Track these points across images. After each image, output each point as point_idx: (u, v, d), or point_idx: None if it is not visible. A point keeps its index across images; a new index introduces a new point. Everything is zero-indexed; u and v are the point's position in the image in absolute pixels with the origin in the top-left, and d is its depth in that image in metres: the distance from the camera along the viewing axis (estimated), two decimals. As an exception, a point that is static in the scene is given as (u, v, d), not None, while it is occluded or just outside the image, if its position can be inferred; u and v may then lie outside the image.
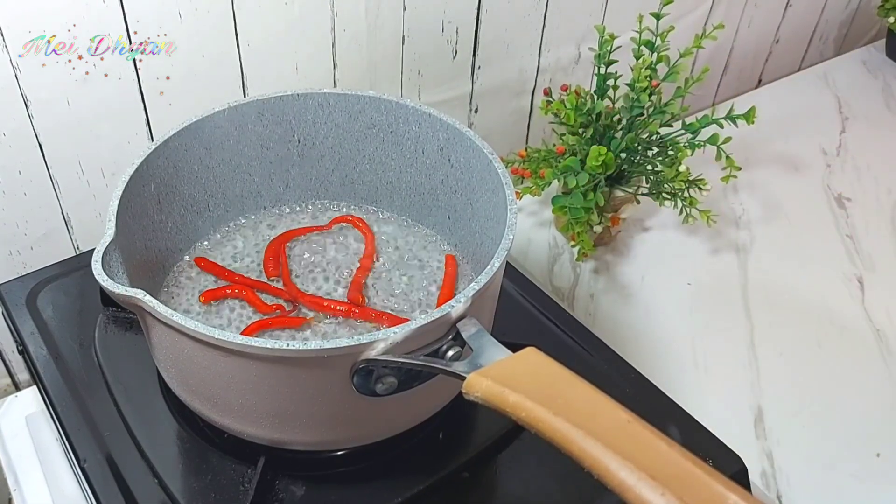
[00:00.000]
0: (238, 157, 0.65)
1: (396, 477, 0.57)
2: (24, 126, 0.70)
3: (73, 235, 0.79)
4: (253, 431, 0.53)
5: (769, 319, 0.83)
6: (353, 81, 0.85)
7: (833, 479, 0.69)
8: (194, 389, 0.54)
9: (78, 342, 0.65)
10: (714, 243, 0.92)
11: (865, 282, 0.88)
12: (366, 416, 0.52)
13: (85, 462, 0.57)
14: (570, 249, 0.91)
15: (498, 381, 0.42)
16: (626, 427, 0.38)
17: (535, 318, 0.70)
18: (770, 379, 0.77)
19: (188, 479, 0.56)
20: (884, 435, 0.72)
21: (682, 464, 0.36)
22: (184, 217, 0.64)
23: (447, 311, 0.47)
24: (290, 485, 0.56)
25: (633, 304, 0.85)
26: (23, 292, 0.69)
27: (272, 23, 0.76)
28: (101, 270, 0.48)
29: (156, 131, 0.76)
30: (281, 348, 0.45)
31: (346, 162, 0.68)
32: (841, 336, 0.82)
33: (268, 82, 0.79)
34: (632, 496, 0.34)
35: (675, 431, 0.61)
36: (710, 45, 0.81)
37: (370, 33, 0.83)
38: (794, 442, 0.72)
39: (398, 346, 0.46)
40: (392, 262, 0.67)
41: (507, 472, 0.59)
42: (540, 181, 0.82)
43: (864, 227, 0.94)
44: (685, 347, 0.80)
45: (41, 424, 0.67)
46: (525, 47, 0.96)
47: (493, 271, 0.49)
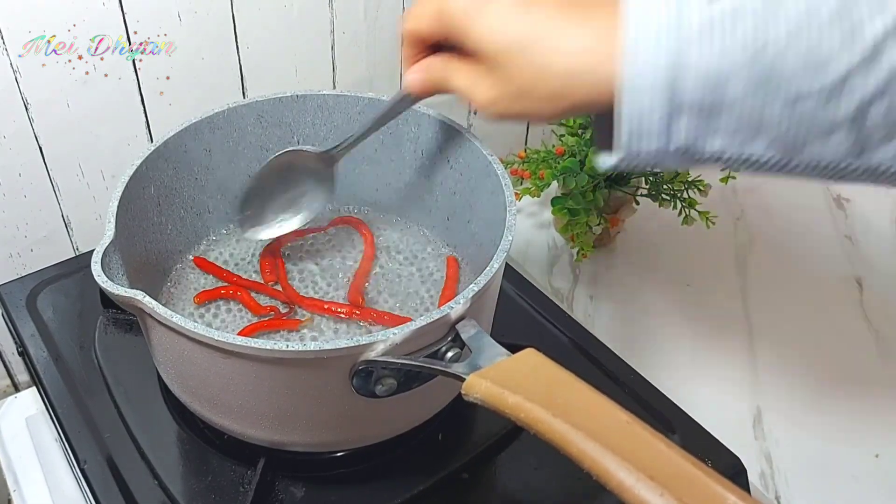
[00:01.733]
0: (237, 159, 0.65)
1: (396, 478, 0.57)
2: (24, 128, 0.70)
3: (73, 237, 0.79)
4: (253, 433, 0.53)
5: (768, 320, 0.83)
6: (352, 83, 0.85)
7: (831, 479, 0.69)
8: (194, 391, 0.54)
9: (78, 343, 0.65)
10: (713, 244, 0.92)
11: (864, 283, 0.88)
12: (365, 417, 0.52)
13: (85, 463, 0.57)
14: (569, 250, 0.91)
15: (497, 382, 0.42)
16: (625, 428, 0.38)
17: (534, 320, 0.70)
18: (769, 380, 0.77)
19: (188, 481, 0.57)
20: (883, 436, 0.72)
21: (681, 464, 0.36)
22: (183, 219, 0.65)
23: (446, 313, 0.47)
24: (289, 486, 0.56)
25: (633, 306, 0.85)
26: (23, 294, 0.69)
27: (272, 24, 0.76)
28: (100, 272, 0.48)
29: (155, 132, 0.77)
30: (280, 349, 0.45)
31: (345, 163, 0.68)
32: (840, 337, 0.82)
33: (267, 83, 0.79)
34: (631, 496, 0.35)
35: (674, 432, 0.61)
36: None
37: (369, 35, 0.83)
38: (793, 443, 0.72)
39: (398, 348, 0.46)
40: (391, 264, 0.67)
41: (507, 473, 0.59)
42: (539, 182, 0.82)
43: (863, 228, 0.94)
44: (684, 348, 0.80)
45: (41, 426, 0.67)
46: (524, 49, 0.96)
47: (493, 272, 0.49)
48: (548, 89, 0.41)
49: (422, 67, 0.49)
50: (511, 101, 0.43)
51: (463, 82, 0.46)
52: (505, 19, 0.42)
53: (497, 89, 0.43)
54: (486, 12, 0.42)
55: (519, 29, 0.41)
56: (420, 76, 0.49)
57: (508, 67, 0.42)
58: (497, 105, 0.43)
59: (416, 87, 0.50)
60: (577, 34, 0.40)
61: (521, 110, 0.43)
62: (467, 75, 0.45)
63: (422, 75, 0.49)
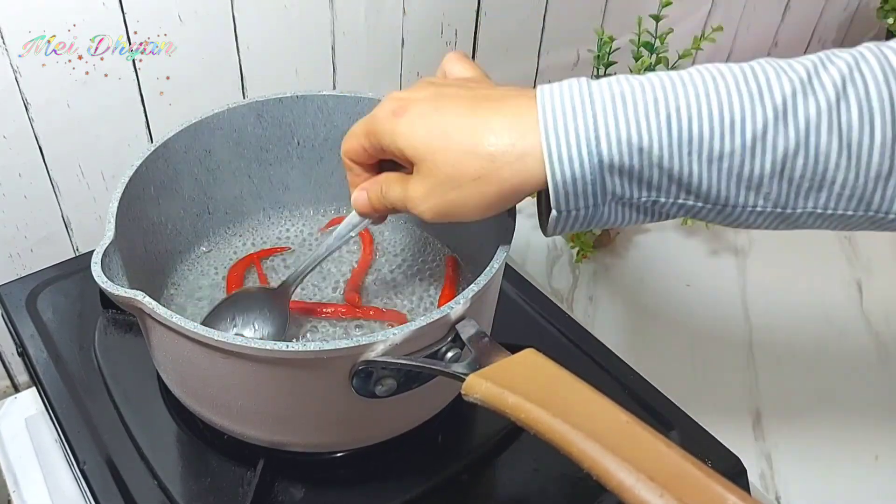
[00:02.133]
0: (237, 159, 0.65)
1: (396, 479, 0.57)
2: (24, 128, 0.70)
3: (73, 237, 0.79)
4: (252, 433, 0.53)
5: (768, 322, 0.83)
6: (352, 83, 0.85)
7: (831, 481, 0.69)
8: (194, 391, 0.54)
9: (78, 344, 0.65)
10: (713, 245, 0.92)
11: (864, 285, 0.88)
12: (365, 417, 0.52)
13: (84, 464, 0.57)
14: (569, 251, 0.91)
15: (497, 382, 0.42)
16: (625, 428, 0.38)
17: (534, 320, 0.70)
18: (769, 381, 0.77)
19: (188, 481, 0.56)
20: (882, 437, 0.72)
21: (682, 465, 0.36)
22: (183, 219, 0.65)
23: (446, 313, 0.47)
24: (289, 487, 0.56)
25: (632, 306, 0.85)
26: (22, 294, 0.69)
27: (272, 24, 0.76)
28: (100, 272, 0.48)
29: (155, 132, 0.77)
30: (280, 349, 0.45)
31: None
32: (839, 339, 0.82)
33: (267, 84, 0.79)
34: (631, 497, 0.35)
35: (674, 433, 0.61)
36: (709, 47, 0.81)
37: (370, 35, 0.83)
38: (793, 444, 0.72)
39: (397, 348, 0.46)
40: (391, 265, 0.67)
41: (507, 474, 0.59)
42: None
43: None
44: (684, 349, 0.80)
45: (41, 426, 0.67)
46: (524, 49, 0.96)
47: (493, 273, 0.49)
48: (473, 171, 0.42)
49: (364, 186, 0.51)
50: (441, 193, 0.44)
51: (397, 189, 0.47)
52: (423, 118, 0.44)
53: (426, 184, 0.44)
54: (406, 116, 0.45)
55: (437, 122, 0.44)
56: (363, 194, 0.51)
57: (433, 158, 0.43)
58: (428, 199, 0.45)
59: (362, 205, 0.51)
60: (494, 119, 0.42)
61: (451, 200, 0.44)
62: (401, 184, 0.47)
63: (364, 193, 0.51)
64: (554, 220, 0.43)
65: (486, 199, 0.43)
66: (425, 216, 0.46)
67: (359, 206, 0.52)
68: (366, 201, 0.51)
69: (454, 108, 0.44)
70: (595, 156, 0.40)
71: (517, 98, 0.43)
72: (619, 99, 0.40)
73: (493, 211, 0.44)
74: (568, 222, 0.43)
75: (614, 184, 0.41)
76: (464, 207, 0.44)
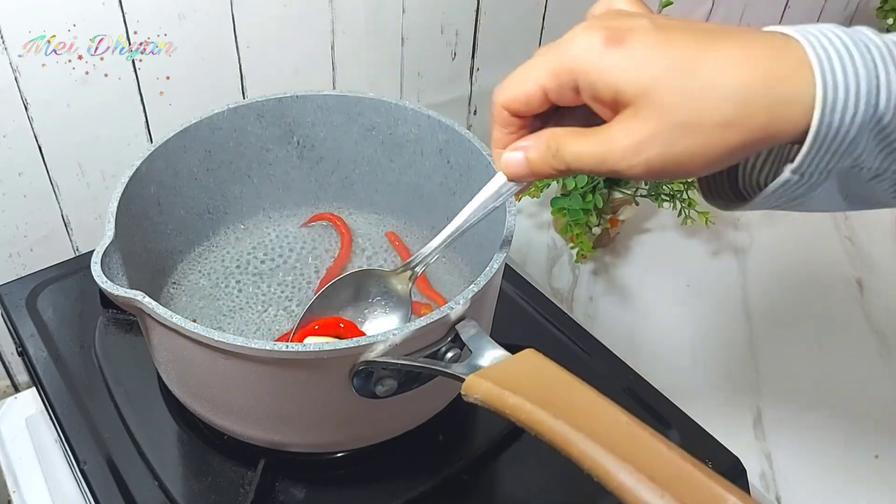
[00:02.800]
0: (237, 159, 0.65)
1: (396, 479, 0.57)
2: (23, 128, 0.70)
3: (73, 237, 0.79)
4: (253, 433, 0.53)
5: (768, 321, 0.83)
6: (352, 83, 0.85)
7: (832, 480, 0.69)
8: (194, 391, 0.54)
9: (78, 344, 0.65)
10: (713, 245, 0.92)
11: (864, 283, 0.88)
12: (365, 418, 0.52)
13: (85, 464, 0.57)
14: (568, 251, 0.91)
15: (497, 382, 0.42)
16: (625, 429, 0.38)
17: (534, 320, 0.70)
18: (769, 380, 0.77)
19: (188, 481, 0.56)
20: (883, 437, 0.73)
21: (682, 465, 0.36)
22: (183, 219, 0.64)
23: (446, 313, 0.47)
24: (289, 487, 0.56)
25: (632, 306, 0.85)
26: (22, 294, 0.69)
27: (271, 24, 0.76)
28: (100, 272, 0.48)
29: (155, 132, 0.77)
30: (280, 350, 0.45)
31: (345, 164, 0.68)
32: (840, 338, 0.82)
33: (267, 84, 0.79)
34: (631, 498, 0.35)
35: (675, 433, 0.61)
36: (709, 46, 0.81)
37: (370, 35, 0.83)
38: (793, 443, 0.72)
39: (397, 348, 0.46)
40: (391, 265, 0.67)
41: (507, 475, 0.59)
42: (539, 183, 0.82)
43: (864, 228, 0.94)
44: (684, 349, 0.80)
45: (41, 426, 0.67)
46: (524, 49, 0.96)
47: (492, 273, 0.49)
48: (719, 115, 0.35)
49: (518, 146, 0.42)
50: (668, 142, 0.36)
51: (580, 145, 0.39)
52: (652, 48, 0.36)
53: (645, 130, 0.36)
54: (627, 47, 0.36)
55: (670, 54, 0.36)
56: (518, 155, 0.42)
57: (666, 99, 0.35)
58: (647, 149, 0.36)
59: (518, 167, 0.42)
60: (742, 55, 0.35)
61: (682, 151, 0.36)
62: (584, 138, 0.38)
63: (520, 154, 0.42)
64: (779, 187, 0.36)
65: (725, 150, 0.36)
66: (635, 171, 0.37)
67: (513, 168, 0.42)
68: (522, 162, 0.41)
69: (688, 40, 0.36)
70: (872, 107, 0.34)
71: (761, 35, 0.36)
72: (888, 53, 0.34)
73: (723, 166, 0.37)
74: (797, 188, 0.36)
75: (868, 146, 0.35)
76: (692, 160, 0.36)
